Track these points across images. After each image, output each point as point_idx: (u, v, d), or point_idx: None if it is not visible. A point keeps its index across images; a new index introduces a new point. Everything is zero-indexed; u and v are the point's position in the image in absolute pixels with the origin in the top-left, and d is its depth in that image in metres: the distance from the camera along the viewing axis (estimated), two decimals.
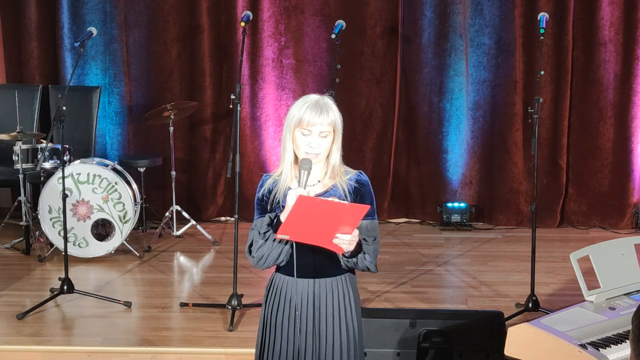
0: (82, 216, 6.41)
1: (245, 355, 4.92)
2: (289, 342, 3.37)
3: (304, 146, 3.24)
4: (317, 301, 3.34)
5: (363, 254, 3.26)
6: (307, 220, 3.11)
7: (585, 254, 4.23)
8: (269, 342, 3.43)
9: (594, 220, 7.38)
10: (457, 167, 7.45)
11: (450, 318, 4.60)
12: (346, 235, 3.13)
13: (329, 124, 3.24)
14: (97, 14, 7.47)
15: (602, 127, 7.25)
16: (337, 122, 3.27)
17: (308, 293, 3.34)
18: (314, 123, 3.22)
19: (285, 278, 3.36)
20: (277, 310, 3.40)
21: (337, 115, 3.28)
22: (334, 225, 3.13)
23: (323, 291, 3.34)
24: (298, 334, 3.35)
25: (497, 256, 6.63)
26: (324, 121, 3.23)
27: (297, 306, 3.35)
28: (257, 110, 7.50)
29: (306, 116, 3.23)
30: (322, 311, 3.35)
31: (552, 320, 3.97)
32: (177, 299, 5.76)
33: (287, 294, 3.37)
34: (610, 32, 7.13)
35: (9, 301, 5.71)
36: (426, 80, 7.38)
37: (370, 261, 3.29)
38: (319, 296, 3.34)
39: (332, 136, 3.27)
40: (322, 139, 3.25)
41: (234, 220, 5.49)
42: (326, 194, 3.30)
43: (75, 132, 7.14)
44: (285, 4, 7.37)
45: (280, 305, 3.39)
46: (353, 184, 3.31)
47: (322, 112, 3.23)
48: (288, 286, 3.36)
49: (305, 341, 3.36)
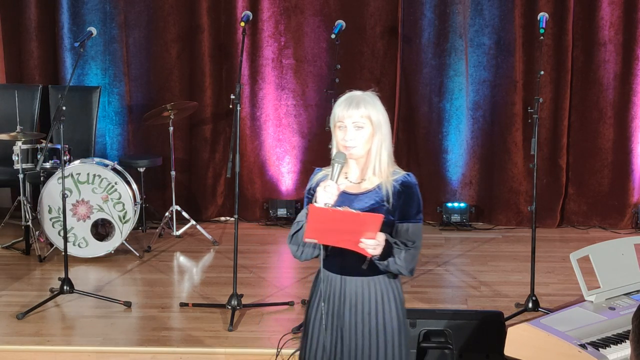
0: (82, 216, 6.41)
1: (246, 355, 4.93)
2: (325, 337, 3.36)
3: (340, 140, 3.26)
4: (347, 299, 3.32)
5: (394, 258, 3.21)
6: (327, 227, 3.11)
7: (585, 254, 4.24)
8: (309, 336, 3.42)
9: (594, 220, 7.38)
10: (457, 167, 7.45)
11: (450, 318, 4.60)
12: (370, 240, 3.12)
13: (361, 116, 3.22)
14: (97, 14, 7.47)
15: (602, 127, 7.25)
16: (373, 115, 3.24)
17: (337, 289, 3.33)
18: (344, 116, 3.23)
19: (324, 272, 3.35)
20: (313, 304, 3.40)
21: (374, 110, 3.25)
22: (355, 231, 3.11)
23: (353, 289, 3.31)
24: (324, 330, 3.34)
25: (497, 256, 6.63)
26: (353, 114, 3.22)
27: (329, 300, 3.34)
28: (257, 110, 7.50)
29: (338, 110, 3.26)
30: (352, 310, 3.32)
31: (552, 320, 3.97)
32: (177, 299, 5.76)
33: (329, 292, 3.36)
34: (610, 32, 7.13)
35: (9, 301, 5.71)
36: (426, 80, 7.38)
37: (401, 265, 3.23)
38: (347, 294, 3.32)
39: (369, 129, 3.24)
40: (356, 132, 3.24)
41: (233, 220, 5.49)
42: (369, 193, 3.28)
43: (75, 132, 7.14)
44: (285, 4, 7.37)
45: (318, 298, 3.38)
46: (398, 186, 3.28)
47: (351, 105, 3.24)
48: (330, 284, 3.35)
49: (341, 337, 3.33)
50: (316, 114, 7.42)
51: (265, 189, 7.57)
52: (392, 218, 3.26)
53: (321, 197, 3.17)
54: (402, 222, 3.26)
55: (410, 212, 3.29)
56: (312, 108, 7.46)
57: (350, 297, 3.32)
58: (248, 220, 7.53)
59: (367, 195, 3.28)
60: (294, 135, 7.49)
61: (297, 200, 7.51)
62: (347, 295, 3.32)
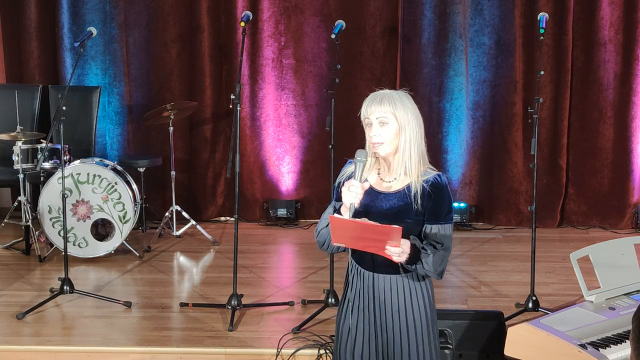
0: (82, 216, 6.41)
1: (246, 355, 4.92)
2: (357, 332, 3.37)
3: (368, 138, 3.29)
4: (377, 295, 3.33)
5: (421, 263, 3.21)
6: (351, 234, 3.12)
7: (585, 254, 4.24)
8: (339, 328, 3.42)
9: (594, 220, 7.38)
10: (457, 167, 7.45)
11: (450, 318, 4.60)
12: (395, 248, 3.12)
13: (385, 112, 3.23)
14: (97, 14, 7.47)
15: (602, 127, 7.25)
16: (398, 112, 3.23)
17: (369, 285, 3.34)
18: (368, 112, 3.26)
19: (355, 266, 3.37)
20: (348, 299, 3.40)
21: (400, 106, 3.24)
22: (378, 240, 3.12)
23: (382, 286, 3.32)
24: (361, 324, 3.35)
25: (497, 256, 6.63)
26: (375, 110, 3.23)
27: (361, 295, 3.35)
28: (257, 110, 7.50)
29: (363, 108, 3.29)
30: (382, 306, 3.33)
31: (552, 320, 3.97)
32: (177, 299, 5.76)
33: (358, 287, 3.37)
34: (610, 32, 7.13)
35: (9, 301, 5.71)
36: (426, 80, 7.38)
37: (429, 269, 3.22)
38: (377, 290, 3.33)
39: (394, 126, 3.24)
40: (381, 128, 3.24)
41: (233, 220, 5.49)
42: (398, 193, 3.26)
43: (75, 132, 7.14)
44: (285, 4, 7.37)
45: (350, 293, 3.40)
46: (428, 187, 3.25)
47: (374, 101, 3.25)
48: (356, 275, 3.36)
49: (375, 333, 3.34)
50: (316, 114, 7.42)
51: (265, 189, 7.57)
52: (421, 218, 3.26)
53: (346, 198, 3.19)
54: (432, 224, 3.25)
55: (440, 213, 3.26)
56: (312, 108, 7.46)
57: (380, 293, 3.33)
58: (248, 220, 7.53)
59: (396, 195, 3.27)
60: (294, 135, 7.49)
61: (297, 200, 7.51)
62: (377, 291, 3.33)
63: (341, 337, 3.43)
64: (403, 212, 3.24)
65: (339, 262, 5.72)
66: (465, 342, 4.56)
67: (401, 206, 3.25)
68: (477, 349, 4.56)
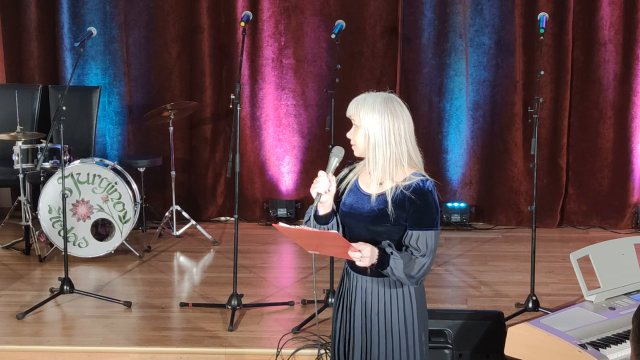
0: (82, 216, 6.41)
1: (245, 355, 4.92)
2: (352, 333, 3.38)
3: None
4: (361, 295, 3.33)
5: (391, 269, 3.16)
6: (309, 242, 3.12)
7: (585, 254, 4.23)
8: (335, 333, 3.43)
9: (594, 220, 7.38)
10: (457, 167, 7.45)
11: (450, 318, 4.60)
12: (354, 253, 3.12)
13: (351, 115, 3.23)
14: (97, 14, 7.48)
15: (602, 127, 7.25)
16: (363, 117, 3.18)
17: (362, 287, 3.33)
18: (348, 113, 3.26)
19: (346, 267, 3.38)
20: (339, 302, 3.42)
21: (364, 111, 3.18)
22: (333, 245, 3.11)
23: (364, 287, 3.32)
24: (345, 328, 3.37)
25: (497, 256, 6.63)
26: (348, 111, 3.25)
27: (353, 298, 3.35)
28: (257, 110, 7.50)
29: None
30: (363, 307, 3.33)
31: (552, 320, 3.97)
32: (177, 299, 5.76)
33: (346, 286, 3.38)
34: (610, 32, 7.13)
35: (9, 301, 5.71)
36: (426, 80, 7.38)
37: (399, 275, 3.17)
38: (362, 291, 3.32)
39: (362, 131, 3.21)
40: (354, 130, 3.25)
41: (233, 220, 5.49)
42: (382, 196, 3.23)
43: (75, 132, 7.14)
44: (285, 4, 7.37)
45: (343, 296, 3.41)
46: (409, 193, 3.19)
47: (351, 103, 3.24)
48: (348, 279, 3.37)
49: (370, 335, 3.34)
50: (316, 114, 7.42)
51: (265, 189, 7.57)
52: (403, 223, 3.21)
53: (313, 188, 3.21)
54: (412, 230, 3.20)
55: (421, 220, 3.19)
56: (312, 108, 7.46)
57: (360, 294, 3.33)
58: (248, 220, 7.53)
59: (378, 199, 3.26)
60: (294, 135, 7.49)
61: (297, 200, 7.51)
62: (358, 292, 3.34)
63: (335, 336, 3.44)
64: (382, 216, 3.21)
65: (338, 262, 5.71)
66: (465, 342, 4.56)
67: (381, 209, 3.22)
68: (476, 349, 4.56)
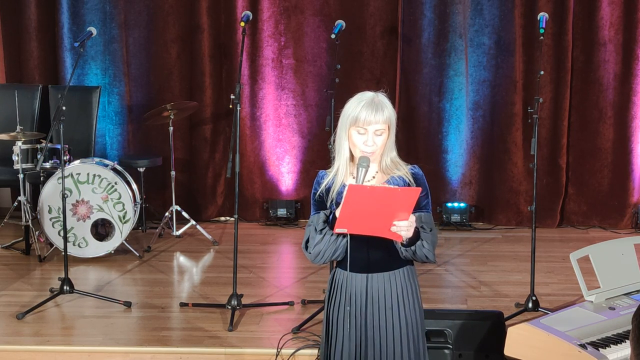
0: (82, 216, 6.41)
1: (245, 355, 4.92)
2: (350, 338, 3.37)
3: (361, 144, 3.26)
4: (370, 296, 3.35)
5: (421, 242, 3.25)
6: (362, 210, 3.10)
7: (585, 254, 4.24)
8: (332, 339, 3.42)
9: (593, 220, 7.38)
10: (457, 167, 7.45)
11: (450, 318, 4.60)
12: (403, 222, 3.14)
13: (384, 122, 3.24)
14: (97, 14, 7.48)
15: (602, 127, 7.25)
16: (392, 119, 3.28)
17: (362, 288, 3.35)
18: (370, 122, 3.23)
19: (344, 273, 3.36)
20: (338, 306, 3.41)
21: (391, 112, 3.28)
22: (390, 212, 3.12)
23: (376, 286, 3.34)
24: (353, 330, 3.36)
25: (496, 256, 6.63)
26: (380, 119, 3.23)
27: (352, 301, 3.35)
28: (257, 110, 7.50)
29: (362, 115, 3.23)
30: (375, 306, 3.34)
31: (552, 320, 3.97)
32: (177, 299, 5.76)
33: (345, 289, 3.38)
34: (610, 32, 7.13)
35: (9, 301, 5.71)
36: (426, 80, 7.38)
37: (428, 249, 3.28)
38: (372, 291, 3.34)
39: (387, 133, 3.28)
40: (378, 137, 3.25)
41: (233, 220, 5.49)
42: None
43: (75, 132, 7.13)
44: (285, 4, 7.37)
45: (341, 300, 3.40)
46: (409, 178, 3.33)
47: (377, 110, 3.23)
48: (346, 281, 3.37)
49: (365, 336, 3.36)
50: (316, 114, 7.42)
51: (265, 189, 7.57)
52: None
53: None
54: (415, 212, 3.26)
55: (422, 202, 3.32)
56: (312, 108, 7.46)
57: (374, 294, 3.35)
58: (248, 220, 7.53)
59: None
60: (294, 135, 7.49)
61: (297, 200, 7.51)
62: (372, 292, 3.35)
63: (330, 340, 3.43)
64: None
65: None
66: (465, 342, 4.56)
67: None
68: (476, 349, 4.56)
